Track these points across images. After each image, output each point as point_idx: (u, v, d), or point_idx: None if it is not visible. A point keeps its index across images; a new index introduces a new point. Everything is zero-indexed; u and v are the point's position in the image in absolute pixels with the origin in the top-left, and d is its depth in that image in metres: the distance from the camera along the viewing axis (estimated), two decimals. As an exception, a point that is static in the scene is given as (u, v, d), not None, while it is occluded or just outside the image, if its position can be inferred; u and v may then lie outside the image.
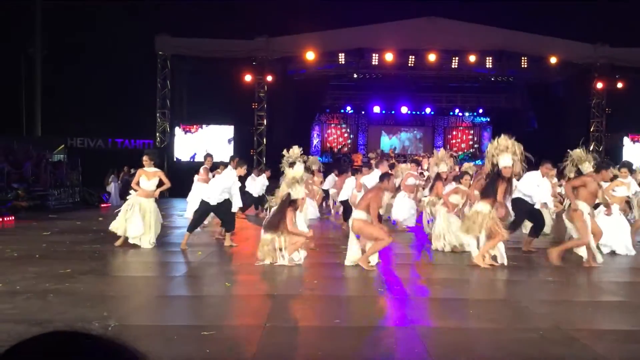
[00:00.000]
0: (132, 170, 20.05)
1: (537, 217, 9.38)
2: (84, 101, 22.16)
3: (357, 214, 7.54)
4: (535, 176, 9.24)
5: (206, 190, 9.43)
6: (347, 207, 12.61)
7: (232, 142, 23.17)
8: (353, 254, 7.58)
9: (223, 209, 9.18)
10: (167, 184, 9.62)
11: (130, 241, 8.91)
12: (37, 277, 6.48)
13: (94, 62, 21.91)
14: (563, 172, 10.02)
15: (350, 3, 22.84)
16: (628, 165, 9.65)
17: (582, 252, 7.90)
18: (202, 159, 13.29)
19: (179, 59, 22.99)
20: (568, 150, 9.75)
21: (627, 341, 4.46)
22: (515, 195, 9.19)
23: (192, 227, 9.21)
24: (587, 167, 9.48)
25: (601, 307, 5.68)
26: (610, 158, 14.62)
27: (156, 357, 4.06)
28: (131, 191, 9.35)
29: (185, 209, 12.53)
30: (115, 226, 9.07)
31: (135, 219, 8.91)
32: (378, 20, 22.26)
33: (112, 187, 19.30)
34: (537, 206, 9.15)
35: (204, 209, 9.21)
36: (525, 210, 9.24)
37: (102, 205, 18.33)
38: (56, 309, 5.10)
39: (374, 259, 7.59)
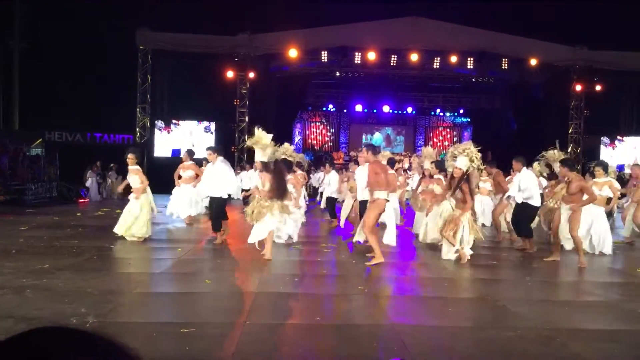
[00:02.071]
0: (112, 165, 19.92)
1: (521, 217, 9.51)
2: (63, 95, 21.83)
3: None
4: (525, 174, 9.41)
5: (215, 185, 9.32)
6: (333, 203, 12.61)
7: (213, 135, 23.14)
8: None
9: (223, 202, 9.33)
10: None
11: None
12: (14, 272, 6.41)
13: (74, 55, 21.59)
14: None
15: (333, 1, 22.86)
16: (602, 165, 9.81)
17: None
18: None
19: (160, 54, 22.80)
20: (543, 152, 9.95)
21: (603, 340, 4.54)
22: (518, 200, 9.34)
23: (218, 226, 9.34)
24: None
25: (578, 307, 5.77)
26: (587, 159, 14.84)
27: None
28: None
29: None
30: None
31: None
32: (361, 19, 22.27)
33: (91, 183, 19.11)
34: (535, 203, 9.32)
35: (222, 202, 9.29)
36: (530, 212, 9.38)
37: (80, 200, 18.14)
38: (34, 305, 5.04)
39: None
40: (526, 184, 9.20)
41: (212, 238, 9.50)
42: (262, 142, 7.89)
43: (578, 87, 23.92)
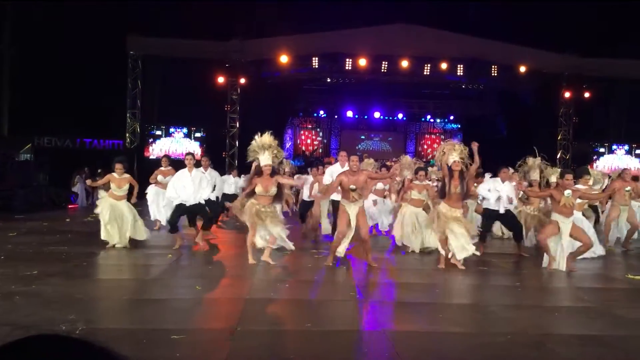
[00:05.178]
0: (100, 170, 19.78)
1: (511, 222, 9.57)
2: (53, 100, 21.72)
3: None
4: (492, 183, 9.49)
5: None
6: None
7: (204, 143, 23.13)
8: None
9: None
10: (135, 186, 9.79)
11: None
12: (2, 278, 6.35)
13: (64, 60, 21.50)
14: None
15: (324, 8, 22.95)
16: (585, 172, 9.89)
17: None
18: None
19: (151, 59, 22.76)
20: (524, 157, 10.09)
21: (593, 345, 4.56)
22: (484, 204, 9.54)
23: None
24: (535, 174, 9.87)
25: (568, 312, 5.79)
26: (577, 166, 14.94)
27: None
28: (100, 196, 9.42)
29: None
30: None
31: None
32: (352, 25, 22.36)
33: (79, 188, 18.99)
34: (501, 210, 9.36)
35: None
36: (491, 217, 9.49)
37: (70, 206, 18.03)
38: (23, 311, 5.00)
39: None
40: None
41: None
42: (269, 143, 7.94)
43: (567, 94, 24.11)
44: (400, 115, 32.72)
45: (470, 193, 8.48)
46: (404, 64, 23.06)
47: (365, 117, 32.58)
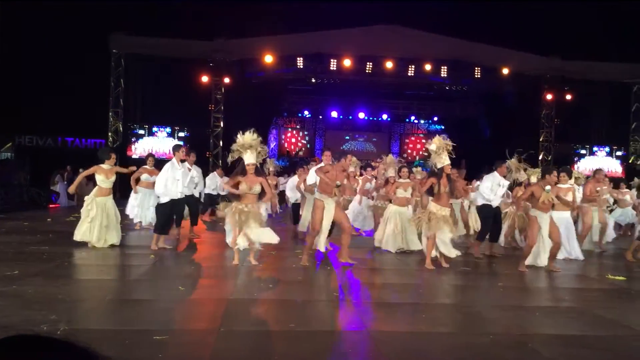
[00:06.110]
0: (81, 170, 19.58)
1: (496, 222, 9.64)
2: (34, 98, 21.48)
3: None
4: (494, 178, 9.47)
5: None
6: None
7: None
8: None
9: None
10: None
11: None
12: (-19, 279, 6.26)
13: (45, 58, 21.27)
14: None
15: (309, 8, 22.92)
16: (567, 171, 9.97)
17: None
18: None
19: (134, 58, 22.59)
20: (506, 160, 10.16)
21: (574, 346, 4.60)
22: (479, 202, 9.53)
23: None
24: (522, 175, 9.94)
25: (550, 313, 5.84)
26: (559, 167, 15.07)
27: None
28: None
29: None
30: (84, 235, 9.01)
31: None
32: (337, 26, 22.37)
33: (59, 187, 18.78)
34: (496, 203, 9.44)
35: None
36: (490, 215, 9.47)
37: (51, 205, 17.84)
38: (2, 312, 4.93)
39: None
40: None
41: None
42: (250, 142, 7.93)
43: (549, 96, 24.35)
44: (384, 116, 32.82)
45: (457, 192, 8.55)
46: (389, 64, 23.15)
47: (350, 117, 32.64)
